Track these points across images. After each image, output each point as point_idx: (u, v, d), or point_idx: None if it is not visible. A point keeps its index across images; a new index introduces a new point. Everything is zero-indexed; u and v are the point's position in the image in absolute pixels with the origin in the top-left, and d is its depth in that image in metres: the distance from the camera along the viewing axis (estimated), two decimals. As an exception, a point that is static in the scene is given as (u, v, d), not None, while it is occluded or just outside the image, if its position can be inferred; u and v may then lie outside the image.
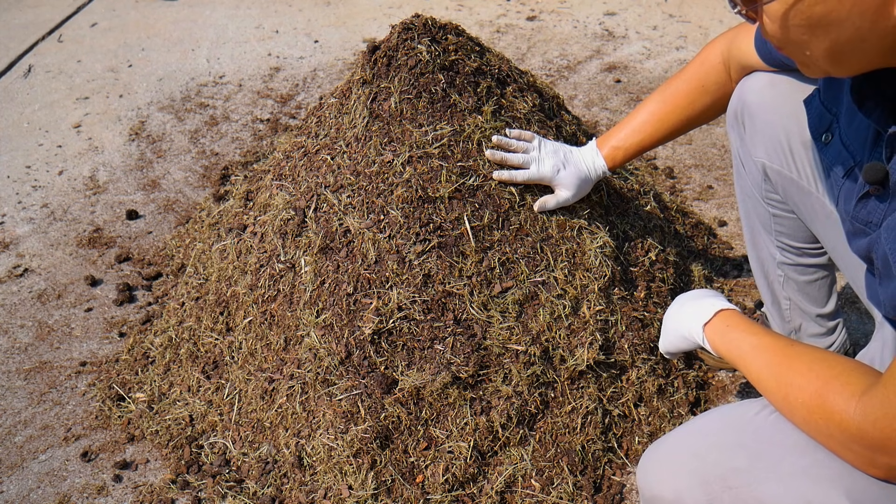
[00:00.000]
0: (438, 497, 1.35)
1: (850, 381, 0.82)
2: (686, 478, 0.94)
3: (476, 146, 1.51)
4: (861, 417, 0.78)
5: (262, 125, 2.77)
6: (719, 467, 0.91)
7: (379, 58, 1.56)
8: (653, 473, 0.99)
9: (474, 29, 3.48)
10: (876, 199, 0.86)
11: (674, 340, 1.15)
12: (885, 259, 0.82)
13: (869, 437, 0.78)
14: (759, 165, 1.32)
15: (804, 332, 1.52)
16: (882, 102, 0.83)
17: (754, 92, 1.28)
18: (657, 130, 1.44)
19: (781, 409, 0.90)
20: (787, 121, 1.24)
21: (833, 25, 0.75)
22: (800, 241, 1.40)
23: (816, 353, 0.89)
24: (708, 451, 0.93)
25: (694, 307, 1.10)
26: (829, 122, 0.98)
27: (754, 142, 1.31)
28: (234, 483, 1.42)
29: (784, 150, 1.26)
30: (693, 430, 0.99)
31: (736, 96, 1.33)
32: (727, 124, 1.39)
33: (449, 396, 1.39)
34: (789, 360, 0.90)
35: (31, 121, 2.87)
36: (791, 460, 0.87)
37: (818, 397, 0.84)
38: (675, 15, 3.62)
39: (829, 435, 0.83)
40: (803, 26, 0.76)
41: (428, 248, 1.44)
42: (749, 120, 1.30)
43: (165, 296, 1.93)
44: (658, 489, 0.97)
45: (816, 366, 0.87)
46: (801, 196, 1.28)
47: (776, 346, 0.94)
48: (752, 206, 1.43)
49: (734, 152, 1.41)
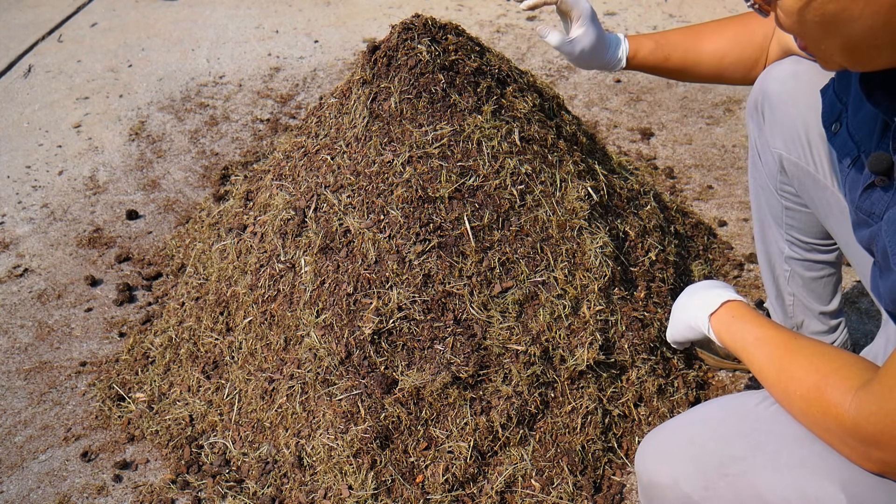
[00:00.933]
0: (438, 497, 1.35)
1: (848, 376, 0.83)
2: (684, 464, 0.94)
3: (476, 146, 1.51)
4: (856, 412, 0.79)
5: (262, 125, 2.77)
6: (717, 455, 0.91)
7: (379, 58, 1.56)
8: (650, 459, 0.99)
9: (474, 29, 3.48)
10: (881, 189, 0.86)
11: (681, 330, 1.15)
12: (884, 252, 0.82)
13: (863, 431, 0.78)
14: (776, 156, 1.32)
15: (806, 328, 1.52)
16: (891, 93, 0.84)
17: (776, 82, 1.28)
18: (690, 49, 1.35)
19: (781, 400, 0.90)
20: (806, 113, 1.23)
21: (846, 23, 0.75)
22: (810, 236, 1.40)
23: (818, 347, 0.90)
24: (706, 439, 0.94)
25: (702, 297, 1.10)
26: (839, 111, 0.98)
27: (773, 132, 1.31)
28: (234, 483, 1.42)
29: (802, 142, 1.26)
30: (692, 418, 0.99)
31: (757, 86, 1.32)
32: (747, 114, 1.38)
33: (449, 396, 1.39)
34: (791, 353, 0.91)
35: (31, 121, 2.86)
36: (789, 451, 0.87)
37: (816, 390, 0.84)
38: (675, 15, 3.62)
39: (825, 428, 0.84)
40: (817, 23, 0.77)
41: (428, 248, 1.44)
42: (769, 110, 1.30)
43: (165, 296, 1.93)
44: (655, 475, 0.97)
45: (817, 359, 0.87)
46: (816, 189, 1.28)
47: (779, 339, 0.94)
48: (764, 198, 1.42)
49: (751, 142, 1.41)
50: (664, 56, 1.36)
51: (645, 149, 2.55)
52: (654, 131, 2.66)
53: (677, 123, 2.72)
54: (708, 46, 1.34)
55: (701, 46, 1.35)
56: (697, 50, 1.35)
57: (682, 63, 1.36)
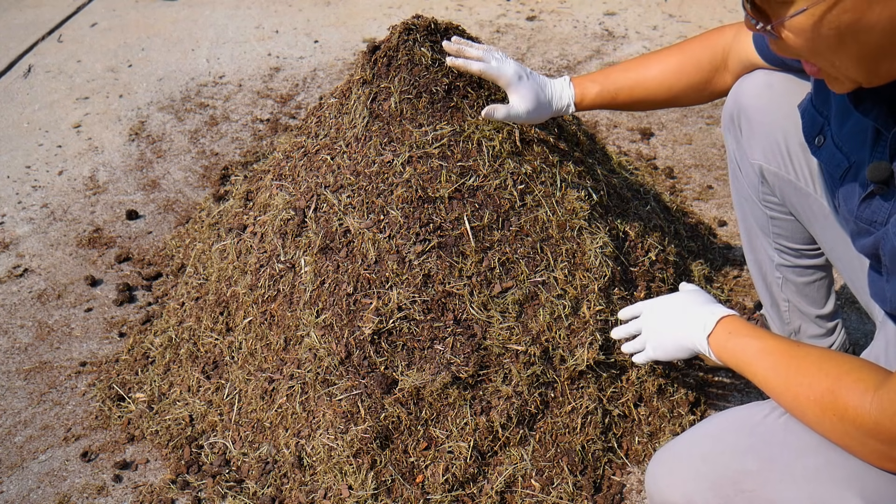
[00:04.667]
0: (438, 497, 1.35)
1: (861, 377, 0.82)
2: (696, 482, 0.93)
3: (476, 146, 1.51)
4: (878, 412, 0.78)
5: (262, 125, 2.77)
6: (730, 470, 0.90)
7: (379, 58, 1.56)
8: (662, 479, 0.98)
9: (474, 29, 3.48)
10: (880, 198, 0.86)
11: (672, 352, 1.15)
12: (892, 254, 0.82)
13: (886, 431, 0.78)
14: (756, 168, 1.32)
15: (803, 333, 1.53)
16: (879, 102, 0.83)
17: (750, 94, 1.28)
18: (637, 85, 1.37)
19: (792, 409, 0.89)
20: (783, 122, 1.23)
21: (862, 32, 0.74)
22: (798, 242, 1.40)
23: (823, 353, 0.90)
24: (718, 454, 0.93)
25: (693, 317, 1.10)
26: (820, 125, 0.98)
27: (751, 144, 1.31)
28: (234, 483, 1.43)
29: (781, 152, 1.26)
30: (701, 434, 0.98)
31: (731, 99, 1.32)
32: (723, 127, 1.38)
33: (449, 396, 1.39)
34: (797, 361, 0.90)
35: (31, 121, 2.87)
36: (803, 462, 0.87)
37: (830, 394, 0.83)
38: (674, 15, 3.62)
39: (843, 432, 0.83)
40: (832, 36, 0.75)
41: (428, 248, 1.44)
42: (746, 122, 1.30)
43: (165, 296, 1.93)
44: (668, 494, 0.96)
45: (825, 364, 0.87)
46: (798, 197, 1.28)
47: (782, 348, 0.94)
48: (749, 209, 1.42)
49: (730, 156, 1.41)
50: (611, 96, 1.38)
51: (645, 149, 2.55)
52: (653, 131, 2.66)
53: (677, 123, 2.72)
54: (654, 79, 1.36)
55: (646, 81, 1.37)
56: (644, 85, 1.37)
57: (631, 98, 1.38)
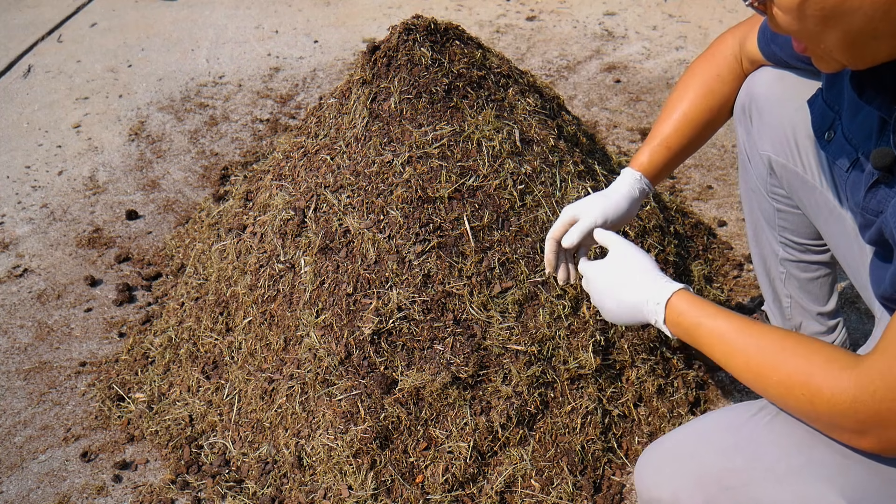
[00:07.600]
0: (438, 497, 1.35)
1: (832, 357, 0.81)
2: (683, 479, 0.94)
3: (476, 146, 1.51)
4: (858, 390, 0.77)
5: (261, 125, 2.77)
6: (716, 468, 0.91)
7: (379, 58, 1.56)
8: (650, 476, 0.99)
9: (474, 29, 3.48)
10: (885, 186, 0.86)
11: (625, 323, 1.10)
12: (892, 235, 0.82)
13: (867, 409, 0.77)
14: (765, 159, 1.32)
15: (804, 329, 1.53)
16: (882, 90, 0.84)
17: (763, 85, 1.27)
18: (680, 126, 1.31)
19: (754, 386, 0.89)
20: (794, 115, 1.23)
21: (846, 15, 0.75)
22: (803, 237, 1.40)
23: (779, 332, 0.89)
24: (704, 452, 0.94)
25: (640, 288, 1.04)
26: (831, 119, 0.98)
27: (761, 135, 1.31)
28: (234, 483, 1.42)
29: (790, 144, 1.26)
30: (689, 432, 0.99)
31: (744, 90, 1.32)
32: (734, 118, 1.38)
33: (449, 396, 1.39)
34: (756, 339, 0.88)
35: (31, 121, 2.86)
36: (787, 460, 0.87)
37: (801, 374, 0.82)
38: (674, 15, 3.62)
39: (815, 414, 0.82)
40: (817, 17, 0.77)
41: (428, 248, 1.44)
42: (757, 113, 1.30)
43: (165, 296, 1.93)
44: (656, 491, 0.97)
45: (788, 342, 0.86)
46: (805, 191, 1.28)
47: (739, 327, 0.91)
48: (756, 201, 1.42)
49: (740, 146, 1.41)
50: (664, 148, 1.30)
51: (645, 149, 2.54)
52: (653, 131, 2.66)
53: (677, 123, 2.71)
54: (692, 111, 1.30)
55: (686, 116, 1.30)
56: (686, 120, 1.31)
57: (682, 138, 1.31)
